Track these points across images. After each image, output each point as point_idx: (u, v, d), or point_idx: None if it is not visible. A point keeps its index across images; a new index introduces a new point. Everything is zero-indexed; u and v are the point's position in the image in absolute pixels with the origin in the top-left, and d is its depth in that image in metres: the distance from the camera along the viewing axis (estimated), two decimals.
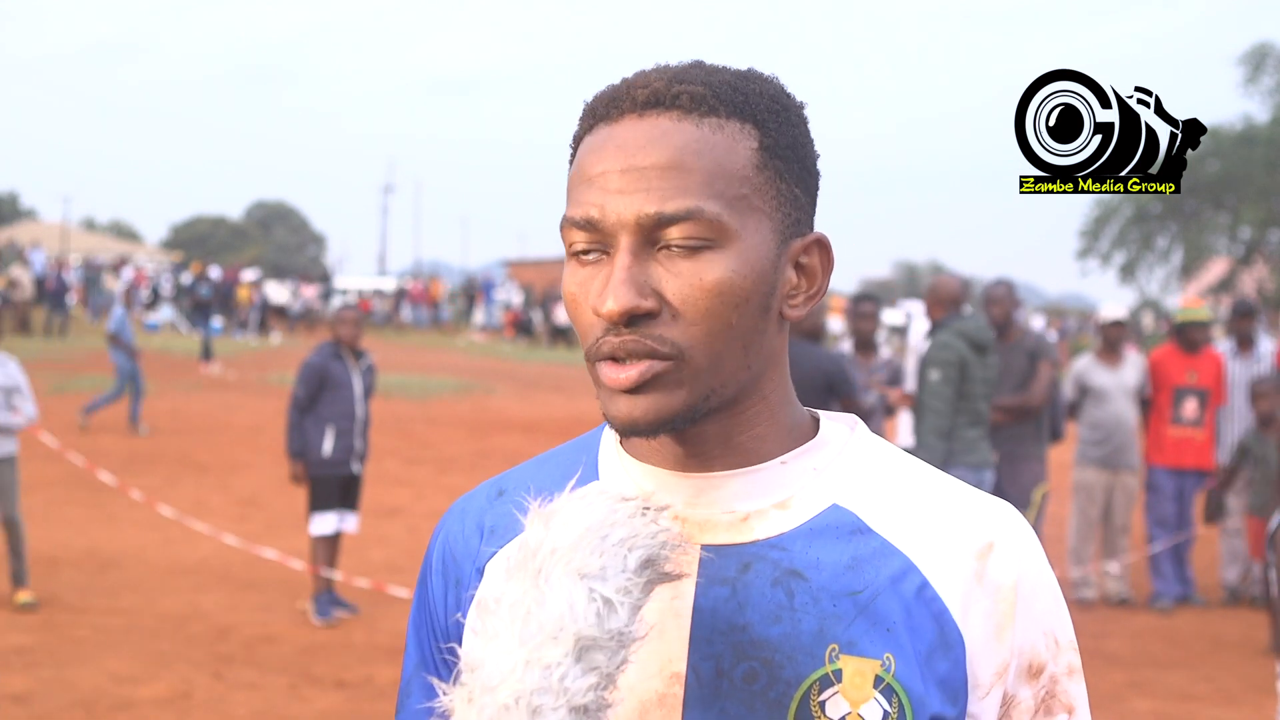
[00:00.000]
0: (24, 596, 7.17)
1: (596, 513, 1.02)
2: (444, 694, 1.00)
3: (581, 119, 1.14)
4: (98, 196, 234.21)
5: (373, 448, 8.53)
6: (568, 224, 1.10)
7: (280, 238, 76.22)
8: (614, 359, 1.08)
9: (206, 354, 23.87)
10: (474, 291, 43.43)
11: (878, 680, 1.07)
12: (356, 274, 50.10)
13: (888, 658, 1.08)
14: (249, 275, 38.69)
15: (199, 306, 31.62)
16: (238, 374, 22.53)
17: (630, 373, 1.06)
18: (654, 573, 1.02)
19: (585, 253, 1.09)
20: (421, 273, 57.42)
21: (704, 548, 1.12)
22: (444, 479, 12.54)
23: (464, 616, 1.17)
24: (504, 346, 35.69)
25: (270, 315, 36.38)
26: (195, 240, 67.26)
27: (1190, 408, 8.27)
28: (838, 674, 1.07)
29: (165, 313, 34.83)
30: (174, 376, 21.35)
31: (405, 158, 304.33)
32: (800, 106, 1.14)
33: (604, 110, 1.11)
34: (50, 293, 28.94)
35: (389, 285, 43.44)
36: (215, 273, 35.85)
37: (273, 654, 6.53)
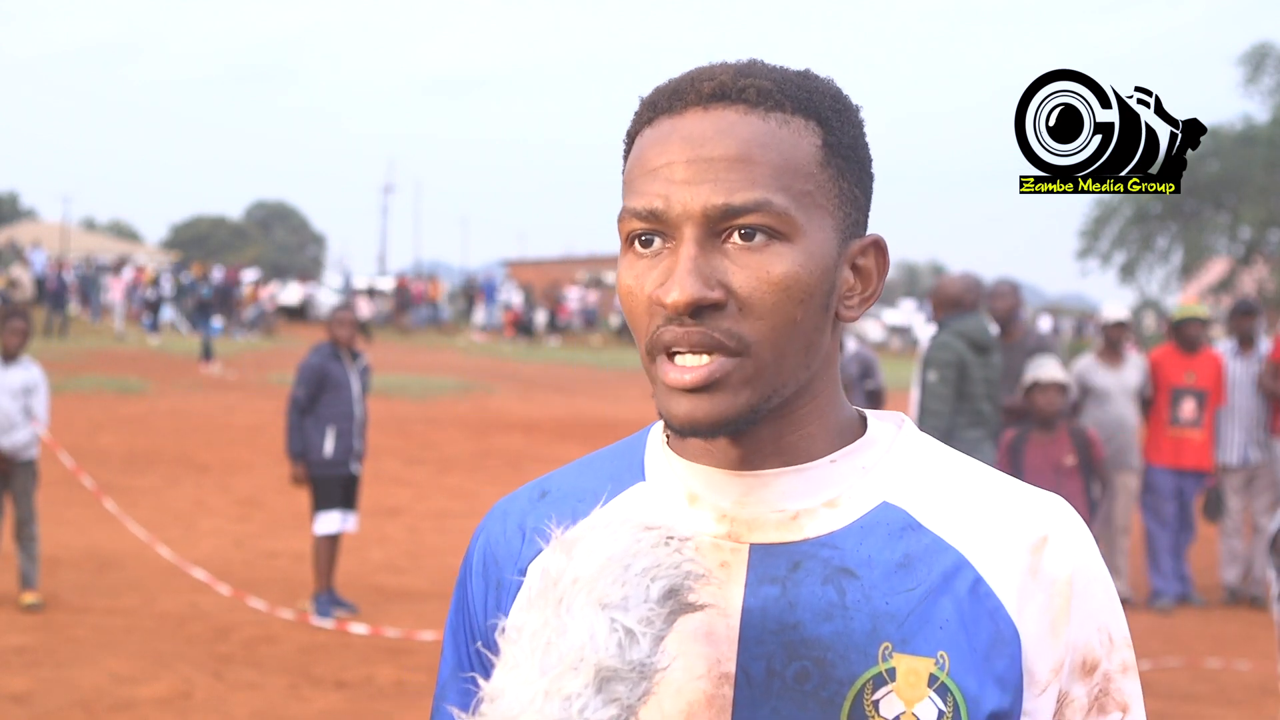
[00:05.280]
0: (30, 598, 7.17)
1: (619, 542, 1.01)
2: None
3: (639, 112, 1.13)
4: (98, 196, 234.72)
5: (373, 448, 8.54)
6: (628, 214, 1.08)
7: (280, 238, 76.23)
8: (675, 352, 1.06)
9: (207, 354, 23.89)
10: (474, 291, 43.40)
11: (932, 679, 1.06)
12: (357, 274, 50.09)
13: (941, 656, 1.06)
14: (249, 275, 38.66)
15: (199, 306, 31.62)
16: (238, 374, 22.54)
17: (699, 373, 1.05)
18: (677, 603, 1.01)
19: (645, 242, 1.08)
20: (422, 273, 57.40)
21: (752, 547, 1.10)
22: (444, 479, 12.54)
23: (505, 618, 1.16)
24: (504, 347, 35.71)
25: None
26: (195, 240, 67.29)
27: (1188, 409, 8.27)
28: (891, 673, 1.06)
29: (165, 313, 34.79)
30: (174, 376, 21.35)
31: (405, 158, 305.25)
32: (857, 109, 1.14)
33: (666, 103, 1.10)
34: (50, 293, 28.94)
35: (388, 285, 43.36)
36: (217, 273, 35.85)
37: (273, 654, 6.53)
